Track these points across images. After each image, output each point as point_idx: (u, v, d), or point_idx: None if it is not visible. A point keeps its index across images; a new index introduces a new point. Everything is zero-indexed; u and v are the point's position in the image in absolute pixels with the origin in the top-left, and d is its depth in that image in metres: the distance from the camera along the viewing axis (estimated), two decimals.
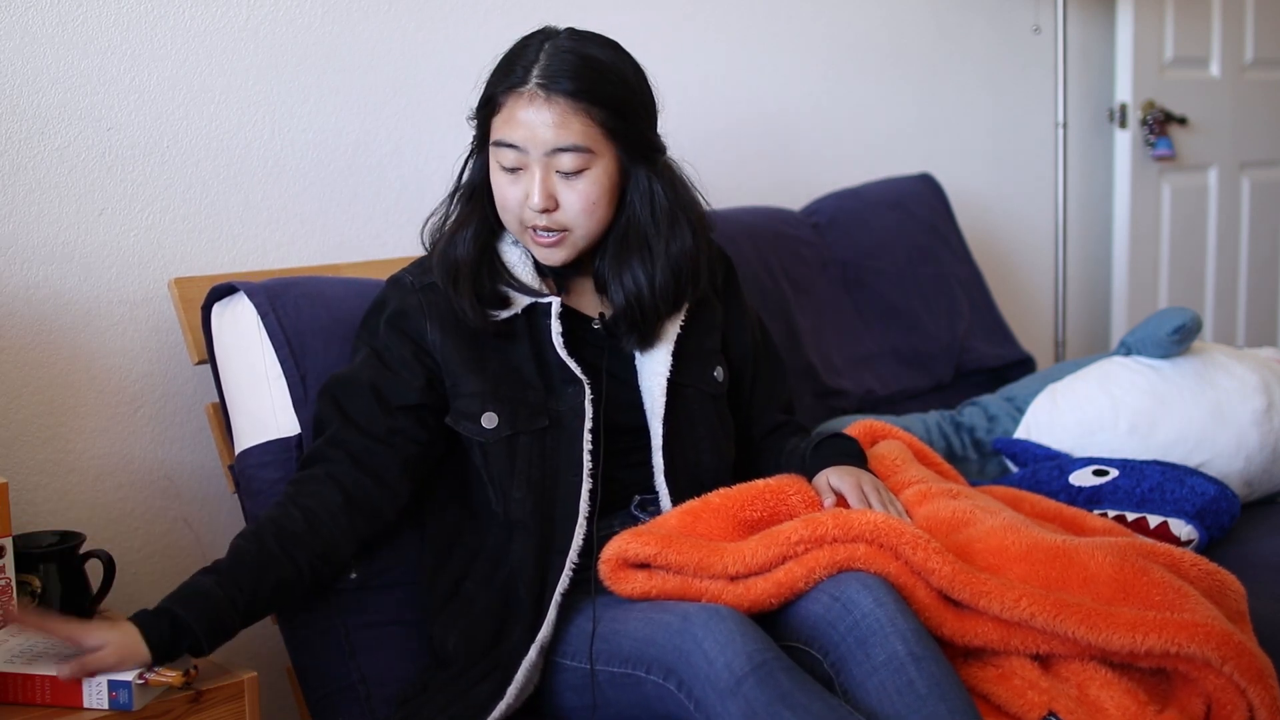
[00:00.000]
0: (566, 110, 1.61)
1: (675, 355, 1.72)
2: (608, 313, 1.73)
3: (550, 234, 1.65)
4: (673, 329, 1.73)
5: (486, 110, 1.67)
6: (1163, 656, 1.42)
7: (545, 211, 1.63)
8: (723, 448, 1.77)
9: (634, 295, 1.69)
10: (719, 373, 1.78)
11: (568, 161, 1.62)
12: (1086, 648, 1.44)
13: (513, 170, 1.64)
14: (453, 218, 1.73)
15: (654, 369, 1.71)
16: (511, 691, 1.52)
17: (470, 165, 1.73)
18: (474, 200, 1.72)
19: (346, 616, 1.74)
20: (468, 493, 1.69)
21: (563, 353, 1.66)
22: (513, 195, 1.64)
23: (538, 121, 1.61)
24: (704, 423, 1.74)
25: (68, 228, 1.86)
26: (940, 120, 2.98)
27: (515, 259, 1.72)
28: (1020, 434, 2.19)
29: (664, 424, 1.69)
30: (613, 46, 1.69)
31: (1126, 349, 2.23)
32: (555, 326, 1.67)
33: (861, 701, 1.38)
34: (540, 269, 1.72)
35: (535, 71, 1.62)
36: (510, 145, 1.63)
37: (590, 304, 1.75)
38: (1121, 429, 2.11)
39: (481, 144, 1.70)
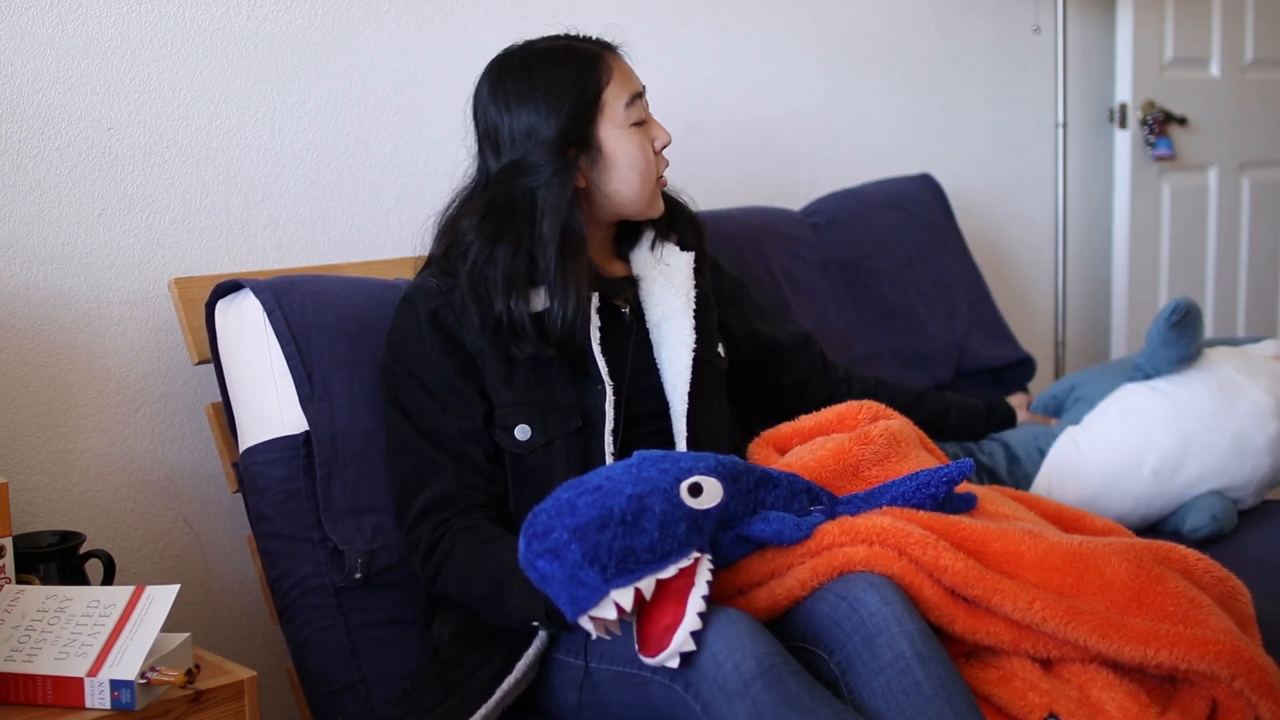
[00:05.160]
0: None
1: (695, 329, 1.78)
2: (630, 297, 1.79)
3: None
4: (688, 302, 1.78)
5: (593, 90, 1.72)
6: (1172, 669, 1.42)
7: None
8: (729, 423, 1.83)
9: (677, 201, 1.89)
10: (721, 349, 1.86)
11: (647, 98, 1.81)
12: (1097, 655, 1.43)
13: (640, 124, 1.75)
14: (554, 266, 1.68)
15: (679, 340, 1.75)
16: (513, 677, 1.51)
17: (572, 209, 1.68)
18: (574, 241, 1.69)
19: (347, 616, 1.74)
20: None
21: (597, 349, 1.69)
22: (649, 148, 1.76)
23: (631, 69, 1.79)
24: (715, 397, 1.80)
25: (68, 228, 1.86)
26: (940, 120, 2.98)
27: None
28: (1041, 480, 2.12)
29: (688, 404, 1.72)
30: None
31: (1142, 372, 2.18)
32: (595, 321, 1.70)
33: (867, 701, 1.38)
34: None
35: (591, 44, 1.77)
36: (640, 94, 1.77)
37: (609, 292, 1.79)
38: (1145, 474, 2.07)
39: (579, 146, 1.71)
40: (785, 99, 2.70)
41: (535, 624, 1.50)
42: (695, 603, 1.37)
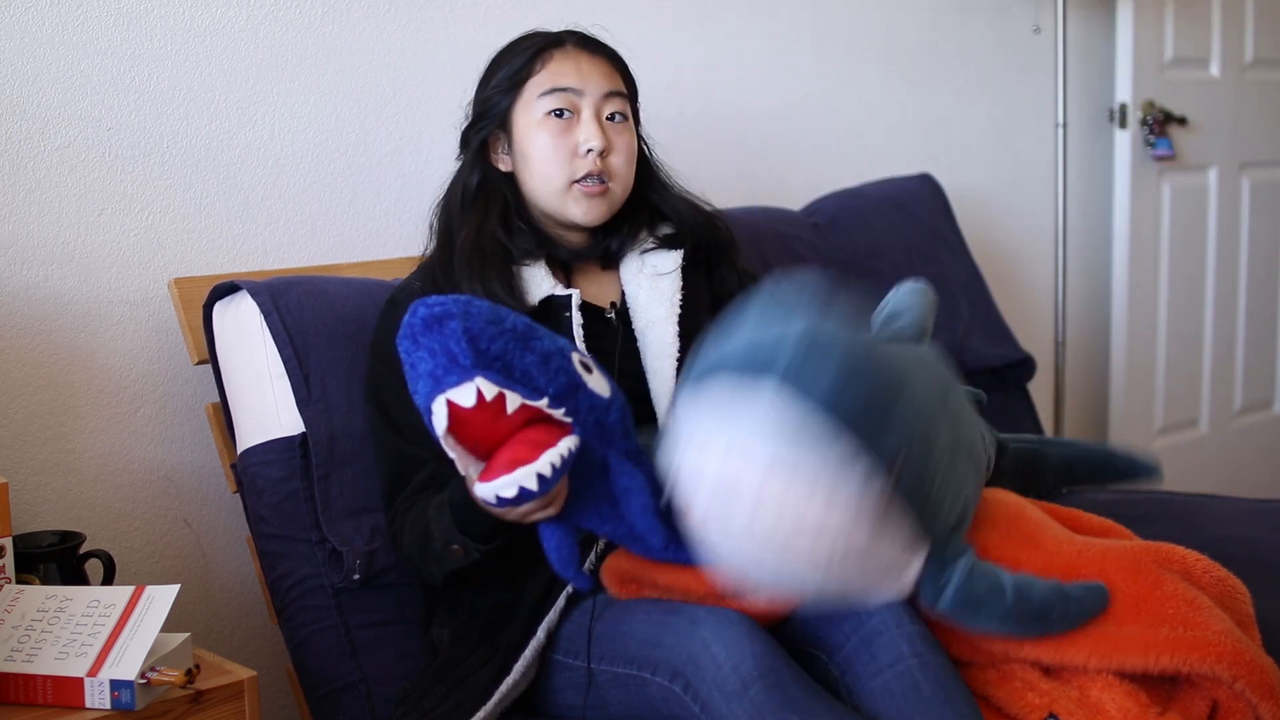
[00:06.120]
0: (609, 66, 1.74)
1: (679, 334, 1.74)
2: (618, 301, 1.76)
3: (598, 182, 1.69)
4: (673, 309, 1.74)
5: (517, 78, 1.70)
6: (1174, 673, 1.42)
7: (601, 154, 1.68)
8: None
9: (691, 221, 1.80)
10: None
11: (619, 105, 1.72)
12: (1098, 671, 1.43)
13: (561, 118, 1.68)
14: (456, 228, 1.72)
15: (662, 350, 1.72)
16: (511, 678, 1.51)
17: (470, 173, 1.73)
18: (478, 204, 1.72)
19: (347, 616, 1.74)
20: None
21: (582, 347, 1.66)
22: (562, 146, 1.68)
23: (590, 68, 1.71)
24: None
25: (68, 228, 1.86)
26: (940, 120, 2.98)
27: (526, 272, 1.70)
28: None
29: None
30: None
31: None
32: (576, 318, 1.67)
33: (866, 702, 1.38)
34: (551, 264, 1.72)
35: (568, 38, 1.73)
36: (565, 89, 1.69)
37: (598, 294, 1.76)
38: None
39: (497, 128, 1.71)
40: (785, 99, 2.70)
41: (455, 546, 1.50)
42: (559, 450, 1.28)
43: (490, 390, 1.27)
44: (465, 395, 1.26)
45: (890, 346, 1.43)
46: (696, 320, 1.80)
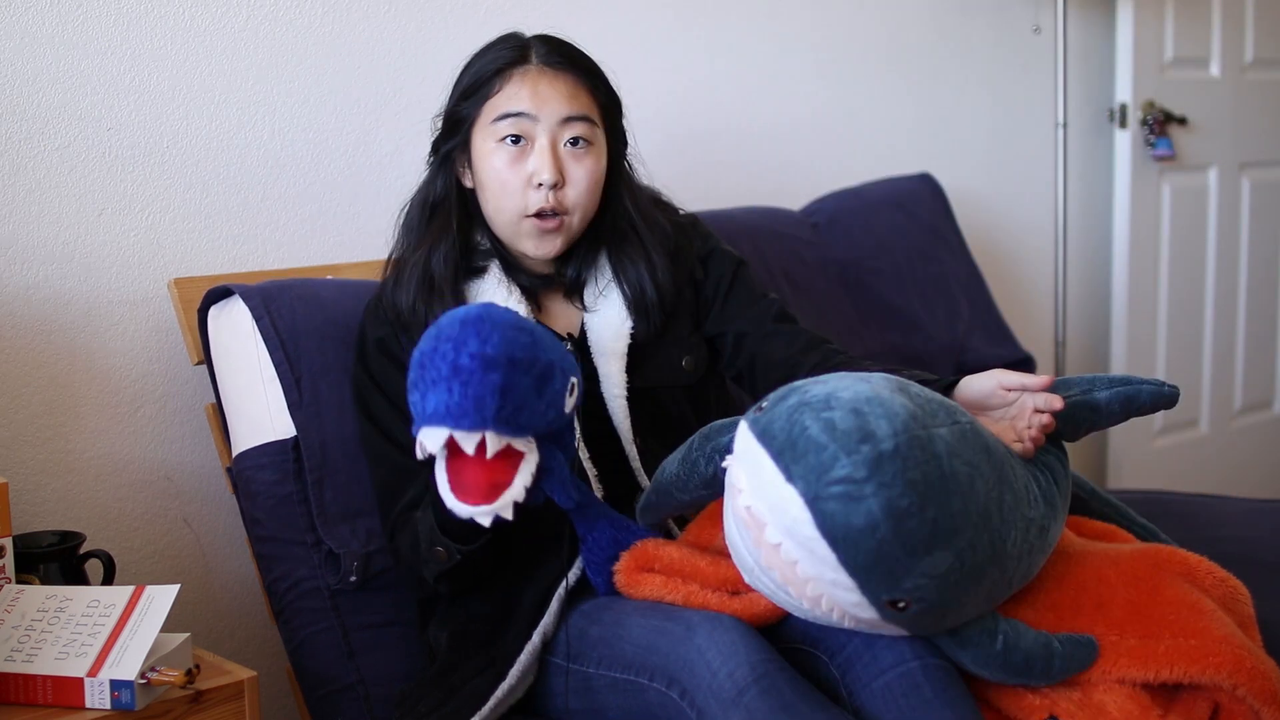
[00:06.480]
0: (575, 83, 1.65)
1: (629, 365, 1.70)
2: (575, 332, 1.72)
3: (553, 217, 1.63)
4: (622, 339, 1.71)
5: (478, 96, 1.65)
6: (1175, 682, 1.42)
7: (554, 188, 1.62)
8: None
9: (638, 287, 1.70)
10: (687, 361, 1.75)
11: (579, 129, 1.63)
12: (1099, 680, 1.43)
13: (516, 145, 1.62)
14: (412, 244, 1.70)
15: (612, 382, 1.69)
16: (506, 683, 1.51)
17: (432, 182, 1.71)
18: (437, 220, 1.69)
19: (345, 617, 1.74)
20: None
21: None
22: (515, 176, 1.62)
23: (549, 92, 1.63)
24: (679, 416, 1.73)
25: (68, 228, 1.86)
26: (940, 120, 2.98)
27: (490, 286, 1.68)
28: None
29: (633, 433, 1.68)
30: None
31: None
32: None
33: (867, 704, 1.37)
34: (511, 277, 1.69)
35: (534, 53, 1.65)
36: (518, 114, 1.61)
37: (559, 322, 1.73)
38: None
39: (460, 145, 1.67)
40: (785, 99, 2.70)
41: (438, 548, 1.50)
42: (526, 472, 1.33)
43: (495, 444, 1.30)
44: (469, 442, 1.29)
45: (962, 466, 1.28)
46: (659, 349, 1.74)
